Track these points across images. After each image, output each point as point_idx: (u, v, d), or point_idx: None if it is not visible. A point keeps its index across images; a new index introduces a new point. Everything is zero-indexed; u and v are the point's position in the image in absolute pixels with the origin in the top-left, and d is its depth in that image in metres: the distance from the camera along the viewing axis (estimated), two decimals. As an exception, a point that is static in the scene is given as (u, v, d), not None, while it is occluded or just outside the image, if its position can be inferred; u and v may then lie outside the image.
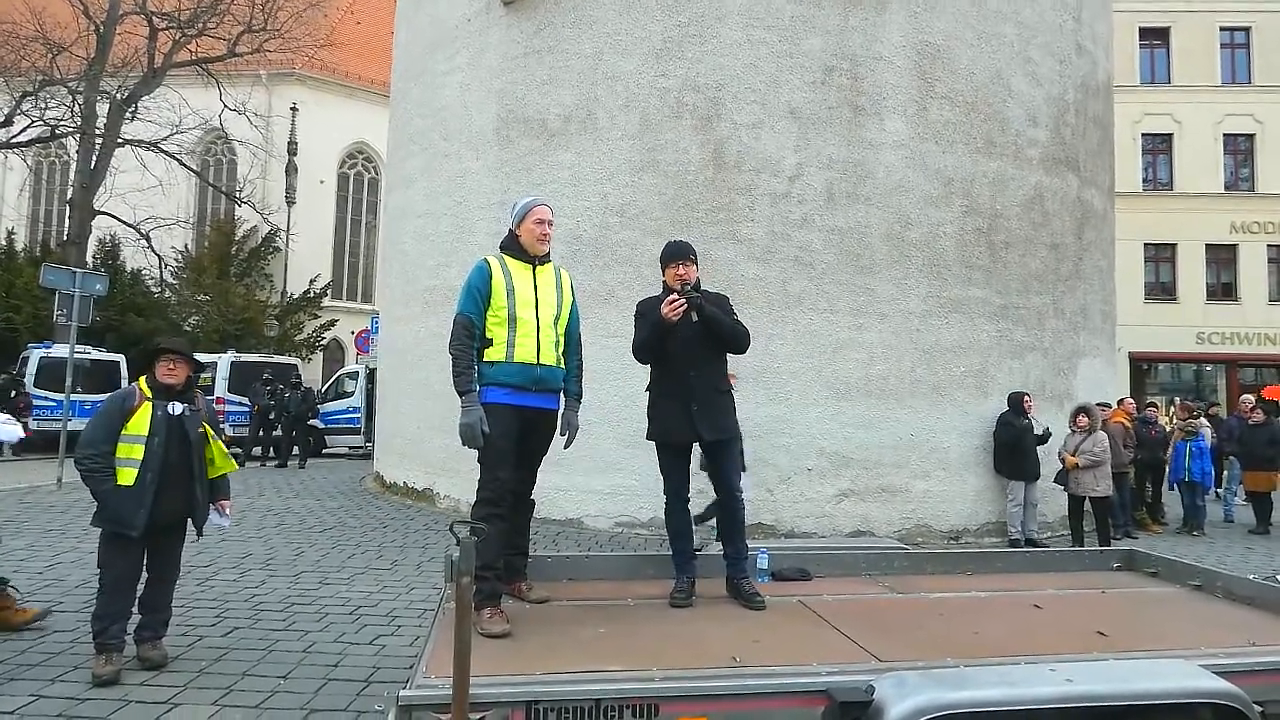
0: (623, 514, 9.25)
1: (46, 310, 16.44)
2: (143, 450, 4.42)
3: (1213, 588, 4.03)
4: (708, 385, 3.89)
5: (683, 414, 3.83)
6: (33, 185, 31.50)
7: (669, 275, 3.92)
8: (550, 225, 3.87)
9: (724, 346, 3.96)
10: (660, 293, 3.99)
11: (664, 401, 3.90)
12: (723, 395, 3.97)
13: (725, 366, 4.05)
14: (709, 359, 3.92)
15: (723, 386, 3.99)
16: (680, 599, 3.65)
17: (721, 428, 3.91)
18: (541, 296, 3.77)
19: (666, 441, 3.94)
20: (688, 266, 3.88)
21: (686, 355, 3.83)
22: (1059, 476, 9.20)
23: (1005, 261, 10.07)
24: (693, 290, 3.82)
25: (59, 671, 4.50)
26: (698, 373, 3.86)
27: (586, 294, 9.48)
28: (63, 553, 7.38)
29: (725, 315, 3.91)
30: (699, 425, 3.83)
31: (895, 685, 2.51)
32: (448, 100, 11.29)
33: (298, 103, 30.19)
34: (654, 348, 3.84)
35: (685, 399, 3.83)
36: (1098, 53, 11.85)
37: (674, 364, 3.85)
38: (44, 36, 21.16)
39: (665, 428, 3.91)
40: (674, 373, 3.86)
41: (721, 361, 4.01)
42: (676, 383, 3.85)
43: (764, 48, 9.51)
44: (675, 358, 3.83)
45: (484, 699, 2.39)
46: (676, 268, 3.88)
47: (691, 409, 3.82)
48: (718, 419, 3.89)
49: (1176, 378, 25.08)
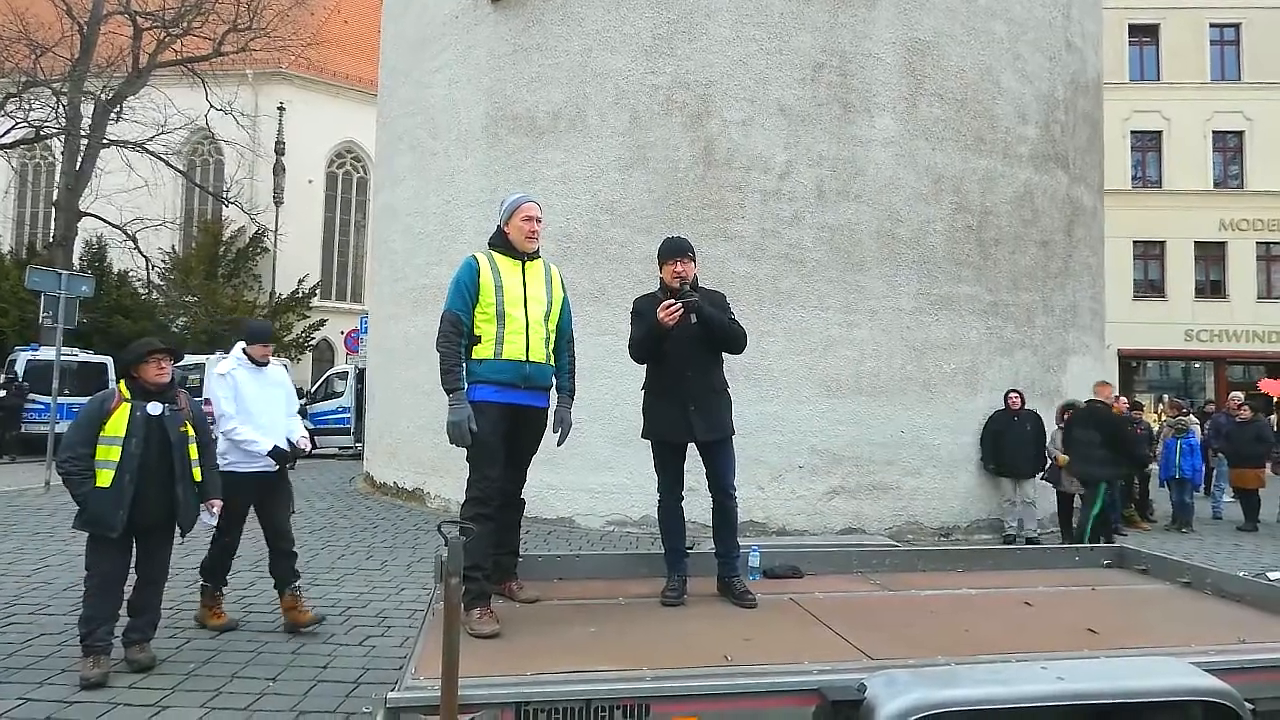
0: (614, 513, 9.24)
1: (33, 313, 16.32)
2: (119, 452, 4.39)
3: (1202, 585, 4.04)
4: (704, 385, 3.87)
5: (679, 413, 3.81)
6: (18, 187, 31.27)
7: (667, 272, 3.88)
8: (539, 222, 3.84)
9: (723, 347, 3.94)
10: (657, 289, 3.97)
11: (660, 401, 3.88)
12: (719, 394, 3.95)
13: (721, 365, 4.02)
14: (706, 358, 3.90)
15: (719, 385, 3.97)
16: (672, 598, 3.63)
17: (717, 427, 3.88)
18: (530, 293, 3.75)
19: (662, 440, 3.92)
20: (686, 263, 3.85)
21: (683, 355, 3.81)
22: (1048, 474, 9.23)
23: (995, 259, 10.10)
24: (690, 288, 3.80)
25: (47, 674, 4.46)
26: (694, 372, 3.83)
27: (577, 292, 9.44)
28: (50, 555, 7.32)
29: (722, 314, 3.88)
30: (695, 425, 3.81)
31: (887, 683, 2.50)
32: (436, 98, 11.25)
33: (285, 102, 30.03)
34: (651, 349, 3.82)
35: (682, 398, 3.81)
36: (1087, 50, 11.89)
37: (670, 363, 3.82)
38: (27, 37, 20.98)
39: (661, 427, 3.88)
40: (670, 372, 3.83)
41: (718, 360, 3.99)
42: (673, 382, 3.83)
43: (753, 44, 9.50)
44: (672, 357, 3.81)
45: (473, 700, 2.37)
46: (675, 264, 3.84)
47: (688, 408, 3.80)
48: (714, 418, 3.87)
49: (1165, 375, 25.23)
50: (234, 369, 5.36)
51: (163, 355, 4.60)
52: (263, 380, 5.45)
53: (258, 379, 5.42)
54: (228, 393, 5.29)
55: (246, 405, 5.27)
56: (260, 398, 5.35)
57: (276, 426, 5.38)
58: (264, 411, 5.32)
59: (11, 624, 5.34)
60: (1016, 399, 9.52)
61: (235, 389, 5.29)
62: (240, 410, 5.24)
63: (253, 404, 5.29)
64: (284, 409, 5.53)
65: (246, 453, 5.22)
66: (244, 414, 5.24)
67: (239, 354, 5.47)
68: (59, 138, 22.22)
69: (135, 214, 23.25)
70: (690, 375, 3.82)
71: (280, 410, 5.48)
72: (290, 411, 5.60)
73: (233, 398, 5.27)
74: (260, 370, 5.46)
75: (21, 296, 20.16)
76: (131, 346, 4.73)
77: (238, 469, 5.20)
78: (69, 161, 21.68)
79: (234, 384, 5.31)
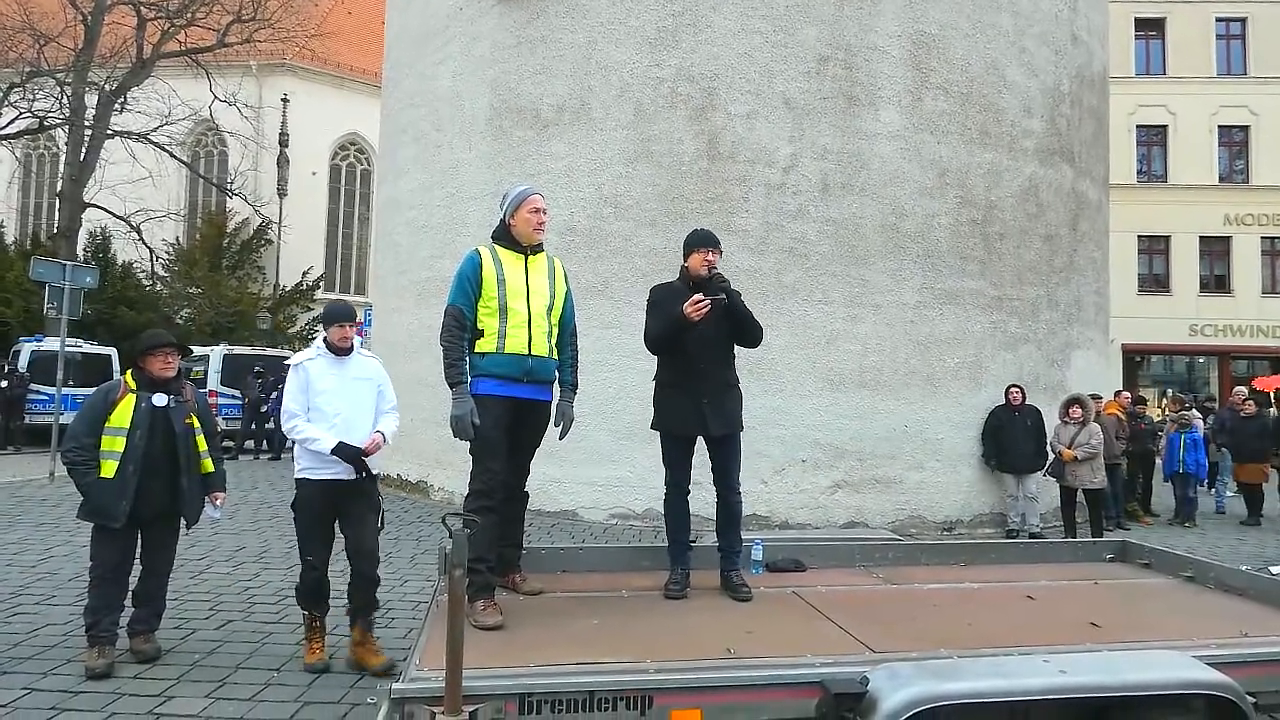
0: (617, 506, 9.25)
1: (38, 304, 16.34)
2: (124, 443, 4.40)
3: (1205, 579, 4.05)
4: (719, 379, 3.89)
5: (693, 407, 3.83)
6: (22, 178, 31.28)
7: (695, 260, 3.89)
8: (545, 214, 3.84)
9: (740, 340, 3.95)
10: (677, 278, 3.98)
11: (676, 393, 3.89)
12: (732, 389, 3.97)
13: (734, 360, 4.03)
14: (721, 353, 3.92)
15: (732, 380, 3.98)
16: (675, 590, 3.66)
17: (730, 422, 3.91)
18: (533, 286, 3.74)
19: (675, 433, 3.93)
20: (716, 254, 3.90)
21: (700, 348, 3.82)
22: (1052, 468, 9.22)
23: (999, 253, 10.07)
24: (720, 277, 3.83)
25: (52, 664, 4.48)
26: (710, 366, 3.86)
27: (581, 285, 9.41)
28: (55, 546, 7.35)
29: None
30: (709, 419, 3.82)
31: (889, 676, 2.51)
32: (440, 91, 11.23)
33: (288, 94, 29.94)
34: (672, 341, 3.82)
35: (697, 392, 3.83)
36: (1093, 43, 11.83)
37: (688, 356, 3.83)
38: (31, 27, 20.93)
39: (675, 420, 3.90)
40: (687, 365, 3.84)
41: (732, 355, 4.00)
42: (689, 376, 3.85)
43: (758, 37, 9.47)
44: (689, 350, 3.82)
45: (477, 691, 2.38)
46: (706, 253, 3.88)
47: (703, 402, 3.82)
48: (726, 413, 3.89)
49: (1169, 370, 25.17)
50: (310, 359, 4.55)
51: (171, 350, 4.61)
52: (344, 373, 4.55)
53: (338, 371, 4.53)
54: (296, 386, 4.48)
55: (318, 401, 4.42)
56: (338, 393, 4.46)
57: (355, 425, 4.45)
58: (341, 408, 4.43)
59: (17, 614, 5.36)
60: (1017, 394, 9.51)
61: (307, 382, 4.46)
62: (311, 407, 4.42)
63: (327, 400, 4.42)
64: (369, 406, 4.58)
65: (317, 456, 4.40)
66: (314, 411, 4.42)
67: (319, 343, 4.67)
68: (63, 128, 22.19)
69: (139, 205, 23.23)
70: (706, 369, 3.84)
71: (365, 407, 4.55)
72: (381, 409, 4.65)
73: (303, 392, 4.45)
74: (342, 360, 4.56)
75: (26, 287, 20.16)
76: (143, 336, 4.74)
77: (310, 475, 4.44)
78: (73, 152, 21.66)
79: (305, 377, 4.48)
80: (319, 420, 4.39)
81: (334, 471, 4.40)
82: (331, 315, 4.61)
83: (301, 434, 4.39)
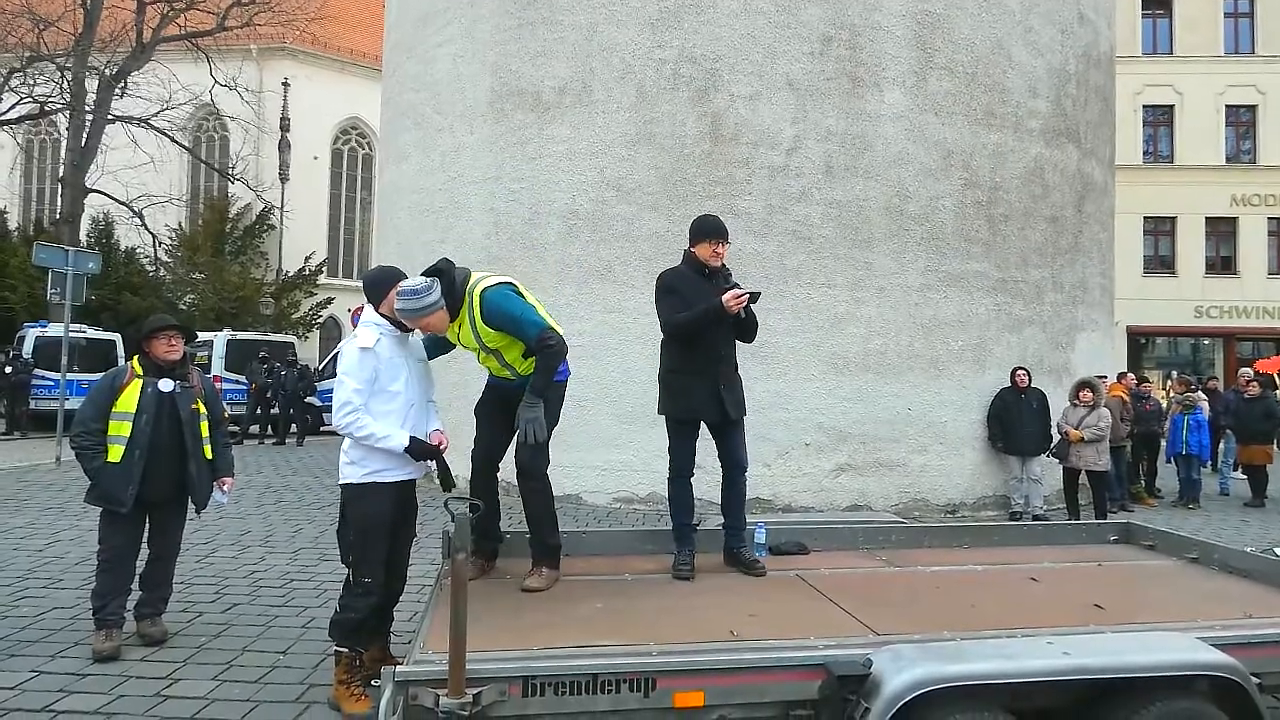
0: (621, 490, 9.26)
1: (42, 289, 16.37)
2: (130, 427, 4.42)
3: (1209, 560, 4.05)
4: (731, 365, 4.04)
5: (711, 394, 3.94)
6: (24, 163, 31.25)
7: (705, 250, 3.95)
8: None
9: (741, 336, 4.06)
10: (682, 263, 4.05)
11: (693, 380, 3.97)
12: (738, 374, 4.11)
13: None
14: (732, 340, 4.05)
15: (736, 365, 4.13)
16: (684, 570, 3.75)
17: (742, 405, 4.06)
18: (463, 341, 3.88)
19: (688, 418, 4.03)
20: (725, 245, 3.99)
21: (718, 336, 3.95)
22: (1056, 449, 9.20)
23: (1004, 235, 10.01)
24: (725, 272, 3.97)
25: (59, 648, 4.51)
26: (728, 352, 4.01)
27: (583, 270, 9.50)
28: (62, 530, 7.39)
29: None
30: (727, 405, 3.95)
31: (892, 658, 2.52)
32: (440, 74, 11.15)
33: (289, 78, 29.84)
34: (703, 331, 3.90)
35: (714, 379, 3.94)
36: (1100, 22, 11.70)
37: (708, 345, 3.93)
38: (31, 11, 20.86)
39: (692, 405, 3.99)
40: (706, 354, 3.94)
41: (735, 342, 4.13)
42: (708, 363, 3.95)
43: (761, 18, 9.38)
44: (709, 338, 3.92)
45: (481, 674, 2.40)
46: (716, 244, 3.95)
47: (720, 389, 3.93)
48: (739, 397, 4.05)
49: (1174, 352, 25.08)
50: (378, 339, 3.64)
51: (175, 332, 4.62)
52: (407, 353, 3.79)
53: (403, 351, 3.76)
54: (365, 374, 3.59)
55: (391, 388, 3.65)
56: (407, 379, 3.73)
57: (422, 417, 3.82)
58: (414, 397, 3.75)
59: (24, 598, 5.39)
60: (1024, 376, 9.47)
61: (377, 368, 3.63)
62: (373, 395, 3.62)
63: (399, 387, 3.69)
64: (427, 391, 3.92)
65: (386, 454, 3.65)
66: (376, 399, 3.62)
67: (377, 318, 3.73)
68: (64, 113, 22.16)
69: (141, 190, 23.22)
70: (724, 354, 3.98)
71: (426, 395, 3.90)
72: (432, 394, 3.97)
73: (371, 380, 3.61)
74: (404, 339, 3.79)
75: (29, 273, 20.23)
76: (147, 320, 4.76)
77: (381, 479, 3.67)
78: (74, 137, 21.63)
79: (377, 361, 3.63)
80: (382, 411, 3.63)
81: (407, 472, 3.78)
82: (381, 281, 3.80)
83: (364, 430, 3.57)
